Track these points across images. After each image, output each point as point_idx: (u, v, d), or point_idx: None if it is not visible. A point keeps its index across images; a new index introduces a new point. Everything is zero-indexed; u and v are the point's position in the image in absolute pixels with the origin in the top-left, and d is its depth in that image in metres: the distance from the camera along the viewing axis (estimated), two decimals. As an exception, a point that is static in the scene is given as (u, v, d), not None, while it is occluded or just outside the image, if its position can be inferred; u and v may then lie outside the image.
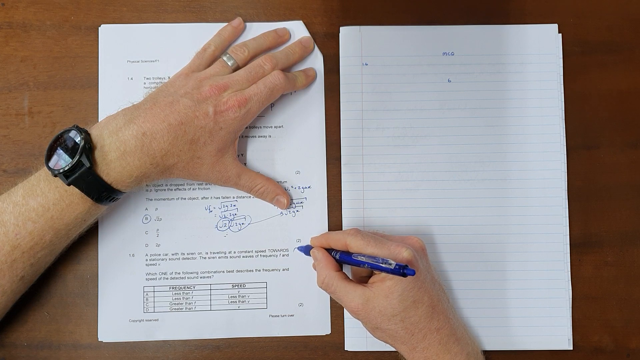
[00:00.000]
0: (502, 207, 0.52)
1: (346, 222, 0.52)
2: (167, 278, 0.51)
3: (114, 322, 0.50)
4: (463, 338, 0.46)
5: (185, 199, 0.52)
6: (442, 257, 0.51)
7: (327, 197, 0.52)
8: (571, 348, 0.51)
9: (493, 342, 0.51)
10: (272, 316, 0.51)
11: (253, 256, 0.51)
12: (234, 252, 0.51)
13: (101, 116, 0.52)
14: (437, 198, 0.52)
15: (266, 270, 0.51)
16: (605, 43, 0.54)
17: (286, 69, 0.52)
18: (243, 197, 0.52)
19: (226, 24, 0.52)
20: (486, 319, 0.51)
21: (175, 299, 0.51)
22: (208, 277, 0.51)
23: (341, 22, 0.53)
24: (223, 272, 0.51)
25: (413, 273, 0.41)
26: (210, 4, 0.53)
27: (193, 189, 0.52)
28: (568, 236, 0.52)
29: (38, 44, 0.52)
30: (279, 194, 0.51)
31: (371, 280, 0.45)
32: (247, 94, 0.47)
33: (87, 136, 0.43)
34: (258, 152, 0.52)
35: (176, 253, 0.51)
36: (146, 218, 0.51)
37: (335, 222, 0.52)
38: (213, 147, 0.46)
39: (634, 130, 0.53)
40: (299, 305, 0.51)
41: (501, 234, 0.52)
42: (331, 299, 0.51)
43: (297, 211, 0.52)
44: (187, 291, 0.51)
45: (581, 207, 0.52)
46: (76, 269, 0.51)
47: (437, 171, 0.52)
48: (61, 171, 0.42)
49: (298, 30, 0.53)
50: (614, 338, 0.51)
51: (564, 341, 0.51)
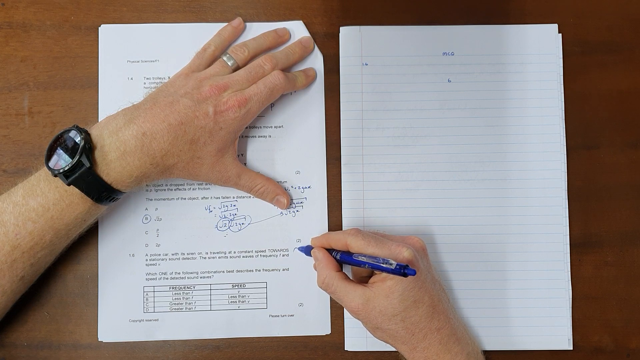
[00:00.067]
0: (502, 207, 0.52)
1: (346, 222, 0.52)
2: (167, 278, 0.51)
3: (114, 322, 0.50)
4: (463, 338, 0.46)
5: (185, 199, 0.52)
6: (442, 257, 0.51)
7: (327, 197, 0.52)
8: (571, 348, 0.51)
9: (493, 342, 0.51)
10: (272, 316, 0.51)
11: (253, 256, 0.51)
12: (234, 252, 0.51)
13: (101, 116, 0.52)
14: (437, 198, 0.52)
15: (266, 270, 0.51)
16: (605, 43, 0.54)
17: (286, 69, 0.52)
18: (243, 197, 0.52)
19: (226, 24, 0.52)
20: (486, 319, 0.51)
21: (175, 299, 0.51)
22: (208, 277, 0.51)
23: (341, 22, 0.53)
24: (223, 272, 0.51)
25: (414, 273, 0.41)
26: (210, 4, 0.53)
27: (193, 189, 0.52)
28: (568, 236, 0.52)
29: (38, 44, 0.52)
30: (279, 194, 0.51)
31: (371, 280, 0.45)
32: (247, 94, 0.47)
33: (87, 136, 0.43)
34: (258, 152, 0.52)
35: (176, 253, 0.51)
36: (146, 218, 0.51)
37: (335, 222, 0.52)
38: (213, 147, 0.46)
39: (634, 130, 0.53)
40: (299, 305, 0.51)
41: (501, 234, 0.52)
42: (331, 299, 0.51)
43: (297, 211, 0.52)
44: (187, 291, 0.51)
45: (581, 207, 0.52)
46: (76, 269, 0.51)
47: (437, 171, 0.52)
48: (61, 171, 0.42)
49: (298, 30, 0.53)
50: (614, 338, 0.51)
51: (564, 341, 0.51)
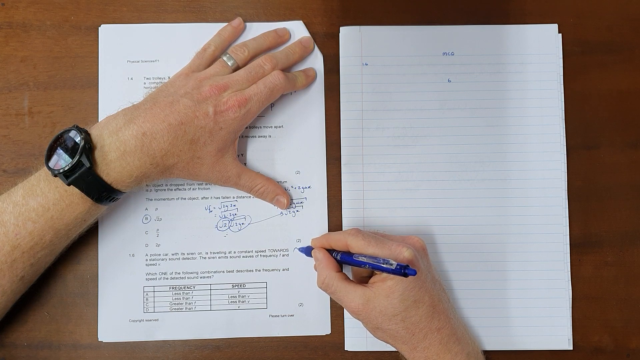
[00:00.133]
0: (502, 207, 0.52)
1: (346, 222, 0.52)
2: (167, 278, 0.51)
3: (114, 322, 0.50)
4: (463, 338, 0.46)
5: (185, 199, 0.52)
6: (442, 257, 0.51)
7: (327, 197, 0.52)
8: (571, 348, 0.51)
9: (493, 342, 0.51)
10: (272, 316, 0.51)
11: (253, 256, 0.51)
12: (234, 252, 0.51)
13: (101, 116, 0.52)
14: (437, 198, 0.52)
15: (266, 270, 0.51)
16: (605, 43, 0.54)
17: (286, 69, 0.52)
18: (243, 197, 0.52)
19: (226, 24, 0.52)
20: (486, 319, 0.51)
21: (175, 299, 0.51)
22: (208, 277, 0.51)
23: (341, 22, 0.53)
24: (223, 272, 0.51)
25: (414, 273, 0.41)
26: (210, 4, 0.53)
27: (193, 189, 0.52)
28: (568, 236, 0.52)
29: (38, 44, 0.52)
30: (279, 194, 0.51)
31: (372, 280, 0.45)
32: (247, 94, 0.47)
33: (87, 136, 0.43)
34: (258, 152, 0.52)
35: (176, 253, 0.51)
36: (146, 218, 0.51)
37: (335, 222, 0.52)
38: (213, 147, 0.46)
39: (634, 130, 0.53)
40: (299, 305, 0.51)
41: (501, 234, 0.52)
42: (331, 299, 0.51)
43: (297, 211, 0.52)
44: (187, 291, 0.51)
45: (581, 207, 0.52)
46: (76, 269, 0.51)
47: (437, 171, 0.52)
48: (61, 171, 0.42)
49: (298, 30, 0.53)
50: (614, 338, 0.51)
51: (564, 341, 0.51)
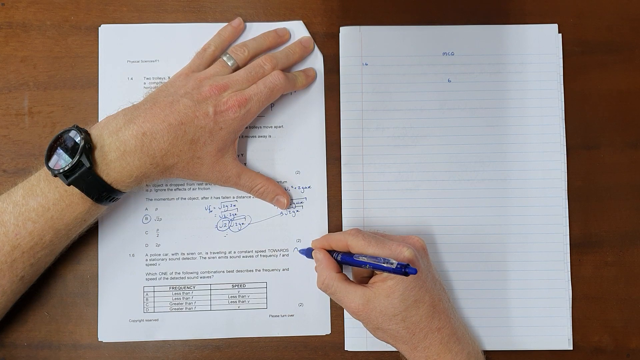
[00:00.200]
0: (502, 207, 0.52)
1: (346, 222, 0.52)
2: (167, 278, 0.51)
3: (114, 322, 0.50)
4: (464, 337, 0.46)
5: (185, 199, 0.52)
6: (442, 257, 0.51)
7: (327, 197, 0.52)
8: (571, 348, 0.51)
9: (493, 342, 0.51)
10: (272, 316, 0.51)
11: (253, 256, 0.51)
12: (234, 252, 0.51)
13: (101, 116, 0.52)
14: (437, 198, 0.52)
15: (266, 270, 0.51)
16: (605, 43, 0.54)
17: (286, 69, 0.52)
18: (243, 197, 0.52)
19: (226, 24, 0.52)
20: (486, 319, 0.51)
21: (175, 299, 0.51)
22: (208, 277, 0.51)
23: (341, 22, 0.53)
24: (223, 272, 0.51)
25: (415, 272, 0.41)
26: (210, 4, 0.53)
27: (193, 189, 0.52)
28: (568, 236, 0.52)
29: (38, 44, 0.52)
30: (279, 194, 0.51)
31: (372, 280, 0.45)
32: (247, 94, 0.47)
33: (87, 136, 0.43)
34: (258, 152, 0.52)
35: (176, 253, 0.51)
36: (146, 218, 0.51)
37: (335, 222, 0.52)
38: (213, 147, 0.46)
39: (634, 130, 0.53)
40: (299, 305, 0.51)
41: (501, 234, 0.52)
42: (331, 300, 0.51)
43: (297, 211, 0.52)
44: (187, 291, 0.51)
45: (581, 207, 0.52)
46: (76, 269, 0.51)
47: (437, 171, 0.52)
48: (61, 171, 0.42)
49: (298, 30, 0.53)
50: (614, 338, 0.51)
51: (564, 341, 0.51)
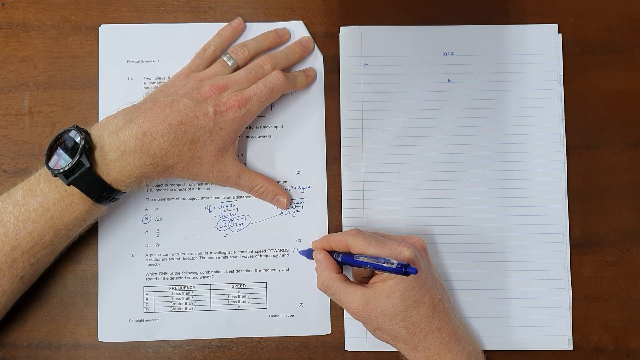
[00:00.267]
0: (502, 207, 0.52)
1: (346, 222, 0.52)
2: (167, 278, 0.51)
3: (114, 322, 0.50)
4: (464, 337, 0.46)
5: (185, 199, 0.52)
6: (442, 257, 0.51)
7: (327, 197, 0.52)
8: (571, 348, 0.51)
9: (493, 342, 0.51)
10: (272, 316, 0.51)
11: (253, 256, 0.51)
12: (234, 252, 0.51)
13: (101, 116, 0.52)
14: (437, 198, 0.52)
15: (266, 270, 0.51)
16: (605, 43, 0.54)
17: (286, 69, 0.52)
18: (243, 197, 0.52)
19: (226, 24, 0.52)
20: (486, 319, 0.51)
21: (175, 299, 0.51)
22: (208, 277, 0.51)
23: (341, 22, 0.53)
24: (223, 272, 0.51)
25: (415, 271, 0.41)
26: (210, 4, 0.53)
27: (193, 189, 0.52)
28: (568, 236, 0.52)
29: (38, 44, 0.52)
30: (279, 194, 0.51)
31: (372, 280, 0.45)
32: (247, 94, 0.47)
33: (87, 136, 0.43)
34: (258, 152, 0.52)
35: (176, 253, 0.51)
36: (146, 218, 0.51)
37: (335, 222, 0.52)
38: (213, 147, 0.46)
39: (634, 130, 0.53)
40: (299, 305, 0.51)
41: (501, 234, 0.52)
42: (331, 299, 0.51)
43: (297, 211, 0.52)
44: (187, 291, 0.51)
45: (581, 207, 0.52)
46: (76, 269, 0.51)
47: (437, 171, 0.52)
48: (61, 171, 0.42)
49: (298, 30, 0.53)
50: (614, 338, 0.51)
51: (564, 341, 0.51)
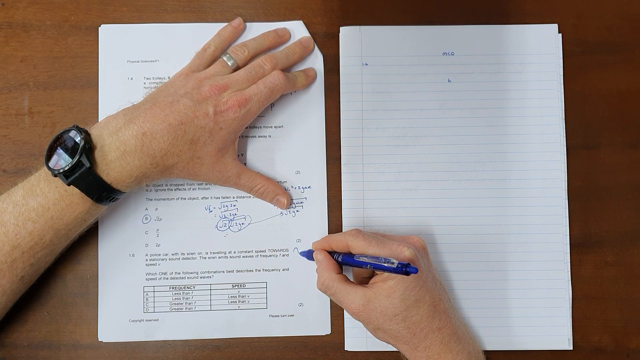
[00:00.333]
0: (502, 207, 0.52)
1: (346, 222, 0.52)
2: (167, 278, 0.51)
3: (114, 322, 0.50)
4: (464, 337, 0.46)
5: (185, 199, 0.52)
6: (443, 257, 0.51)
7: (327, 197, 0.52)
8: (571, 348, 0.51)
9: (493, 342, 0.51)
10: (272, 316, 0.51)
11: (253, 256, 0.51)
12: (234, 252, 0.51)
13: (101, 116, 0.52)
14: (437, 198, 0.52)
15: (266, 270, 0.51)
16: (605, 43, 0.54)
17: (286, 69, 0.52)
18: (243, 197, 0.52)
19: (226, 24, 0.52)
20: (486, 319, 0.51)
21: (175, 299, 0.51)
22: (208, 277, 0.51)
23: (341, 22, 0.53)
24: (223, 272, 0.51)
25: (416, 271, 0.40)
26: (210, 4, 0.53)
27: (193, 189, 0.52)
28: (568, 236, 0.52)
29: (38, 44, 0.52)
30: (279, 194, 0.51)
31: (372, 280, 0.45)
32: (247, 94, 0.47)
33: (87, 136, 0.43)
34: (258, 152, 0.52)
35: (176, 253, 0.51)
36: (146, 218, 0.51)
37: (335, 222, 0.52)
38: (213, 147, 0.46)
39: (634, 130, 0.53)
40: (299, 305, 0.51)
41: (501, 234, 0.52)
42: (331, 300, 0.51)
43: (297, 211, 0.52)
44: (187, 291, 0.51)
45: (581, 207, 0.52)
46: (76, 269, 0.51)
47: (437, 171, 0.52)
48: (61, 171, 0.42)
49: (298, 30, 0.53)
50: (614, 338, 0.51)
51: (564, 341, 0.51)
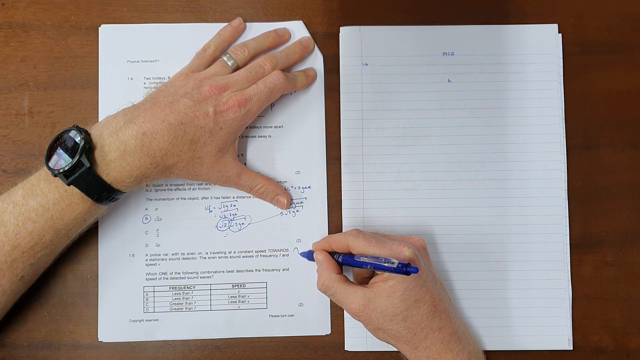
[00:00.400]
0: (502, 207, 0.52)
1: (346, 222, 0.52)
2: (167, 278, 0.51)
3: (114, 322, 0.50)
4: (464, 337, 0.46)
5: (185, 199, 0.52)
6: (443, 257, 0.51)
7: (327, 197, 0.52)
8: (571, 348, 0.51)
9: (493, 342, 0.51)
10: (272, 316, 0.51)
11: (253, 256, 0.51)
12: (234, 252, 0.51)
13: (101, 116, 0.52)
14: (437, 198, 0.52)
15: (266, 270, 0.51)
16: (605, 43, 0.54)
17: (286, 69, 0.52)
18: (243, 197, 0.52)
19: (226, 24, 0.52)
20: (486, 319, 0.51)
21: (175, 299, 0.51)
22: (208, 277, 0.51)
23: (341, 22, 0.53)
24: (223, 272, 0.51)
25: (416, 271, 0.40)
26: (210, 4, 0.53)
27: (193, 189, 0.52)
28: (568, 236, 0.52)
29: (38, 44, 0.52)
30: (279, 194, 0.51)
31: (372, 280, 0.45)
32: (247, 94, 0.47)
33: (87, 136, 0.43)
34: (258, 152, 0.52)
35: (176, 253, 0.51)
36: (146, 218, 0.51)
37: (335, 222, 0.52)
38: (213, 147, 0.46)
39: (634, 130, 0.53)
40: (299, 305, 0.51)
41: (501, 234, 0.52)
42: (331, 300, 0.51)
43: (297, 211, 0.52)
44: (187, 291, 0.51)
45: (581, 207, 0.52)
46: (76, 269, 0.51)
47: (437, 171, 0.52)
48: (61, 171, 0.42)
49: (298, 30, 0.53)
50: (614, 338, 0.51)
51: (564, 341, 0.51)
